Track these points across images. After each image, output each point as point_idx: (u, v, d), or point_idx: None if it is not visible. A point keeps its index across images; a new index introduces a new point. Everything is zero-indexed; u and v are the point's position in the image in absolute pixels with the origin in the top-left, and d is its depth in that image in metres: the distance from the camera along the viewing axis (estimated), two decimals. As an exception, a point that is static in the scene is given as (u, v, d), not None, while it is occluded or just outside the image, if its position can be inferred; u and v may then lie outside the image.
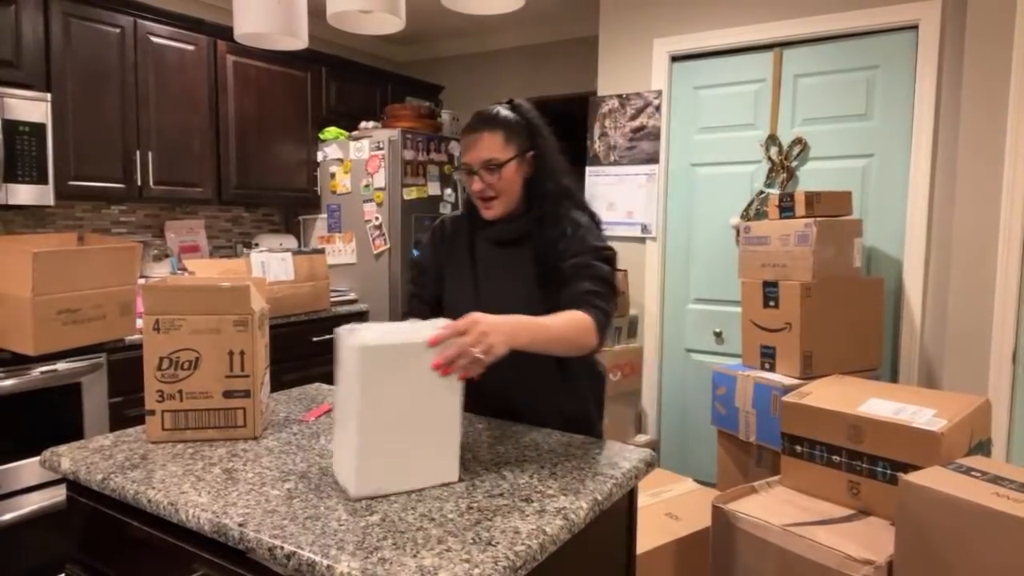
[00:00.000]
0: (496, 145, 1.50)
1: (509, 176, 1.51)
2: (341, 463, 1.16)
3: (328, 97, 3.95)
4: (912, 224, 2.82)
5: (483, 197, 1.53)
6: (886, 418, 1.76)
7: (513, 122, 1.53)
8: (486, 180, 1.51)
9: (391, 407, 1.11)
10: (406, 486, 1.14)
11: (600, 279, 1.45)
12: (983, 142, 2.51)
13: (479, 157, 1.50)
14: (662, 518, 2.12)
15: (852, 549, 1.60)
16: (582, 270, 1.45)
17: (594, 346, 1.38)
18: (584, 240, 1.49)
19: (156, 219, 3.54)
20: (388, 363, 1.11)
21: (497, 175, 1.50)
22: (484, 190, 1.52)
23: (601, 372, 1.71)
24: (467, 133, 1.54)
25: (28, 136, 2.61)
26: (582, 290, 1.42)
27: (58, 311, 2.30)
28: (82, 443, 1.37)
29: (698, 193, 3.32)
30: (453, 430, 1.18)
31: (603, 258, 1.48)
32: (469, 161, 1.52)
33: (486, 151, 1.50)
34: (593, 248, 1.48)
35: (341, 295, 3.75)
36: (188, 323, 1.36)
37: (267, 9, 1.71)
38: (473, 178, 1.52)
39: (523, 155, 1.53)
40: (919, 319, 2.83)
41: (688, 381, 3.41)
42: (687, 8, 3.27)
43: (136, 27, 3.03)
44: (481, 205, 1.55)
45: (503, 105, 1.57)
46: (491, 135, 1.50)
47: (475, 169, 1.51)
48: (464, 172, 1.55)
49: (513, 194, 1.54)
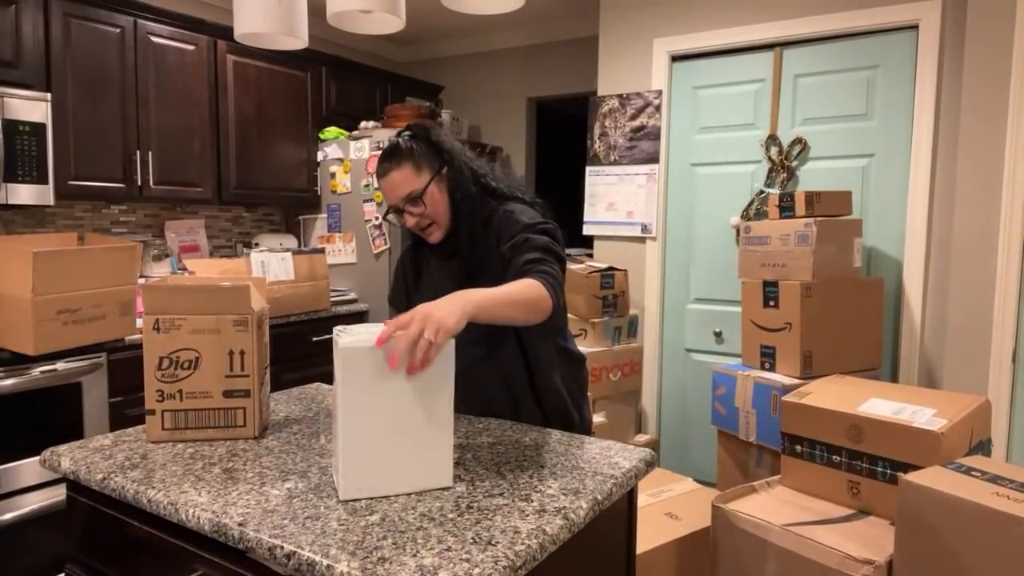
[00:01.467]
0: (408, 177, 1.52)
1: (434, 199, 1.53)
2: (335, 465, 1.16)
3: (328, 97, 3.95)
4: (912, 224, 2.82)
5: (420, 228, 1.56)
6: (886, 418, 1.76)
7: (415, 149, 1.54)
8: (415, 213, 1.53)
9: (376, 409, 1.10)
10: (396, 489, 1.13)
11: (539, 248, 1.44)
12: (983, 142, 2.51)
13: (398, 195, 1.53)
14: (662, 518, 2.12)
15: (852, 549, 1.60)
16: (520, 247, 1.45)
17: (549, 306, 1.35)
18: (515, 222, 1.50)
19: (156, 219, 3.54)
20: (370, 365, 1.09)
21: (422, 205, 1.53)
22: (418, 222, 1.55)
23: (577, 356, 1.71)
24: (379, 178, 1.55)
25: (28, 136, 2.61)
26: (523, 261, 1.42)
27: (58, 311, 2.30)
28: (82, 443, 1.37)
29: (698, 193, 3.32)
30: (445, 432, 1.15)
31: (540, 231, 1.48)
32: (392, 202, 1.55)
33: (403, 187, 1.52)
34: (526, 225, 1.49)
35: (341, 295, 3.75)
36: (188, 323, 1.36)
37: (267, 9, 1.71)
38: (403, 216, 1.55)
39: (439, 173, 1.55)
40: (919, 319, 2.83)
41: (688, 381, 3.41)
42: (687, 8, 3.27)
43: (136, 27, 3.04)
44: (423, 235, 1.59)
45: (401, 136, 1.57)
46: (400, 170, 1.52)
47: (401, 207, 1.54)
48: (394, 213, 1.58)
49: (445, 215, 1.56)
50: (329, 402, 1.70)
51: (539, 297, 1.33)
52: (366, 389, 1.09)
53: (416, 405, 1.13)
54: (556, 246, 1.47)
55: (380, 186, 1.57)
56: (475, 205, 1.57)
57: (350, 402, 1.09)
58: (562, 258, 1.48)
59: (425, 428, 1.14)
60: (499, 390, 1.61)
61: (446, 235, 1.59)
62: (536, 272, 1.38)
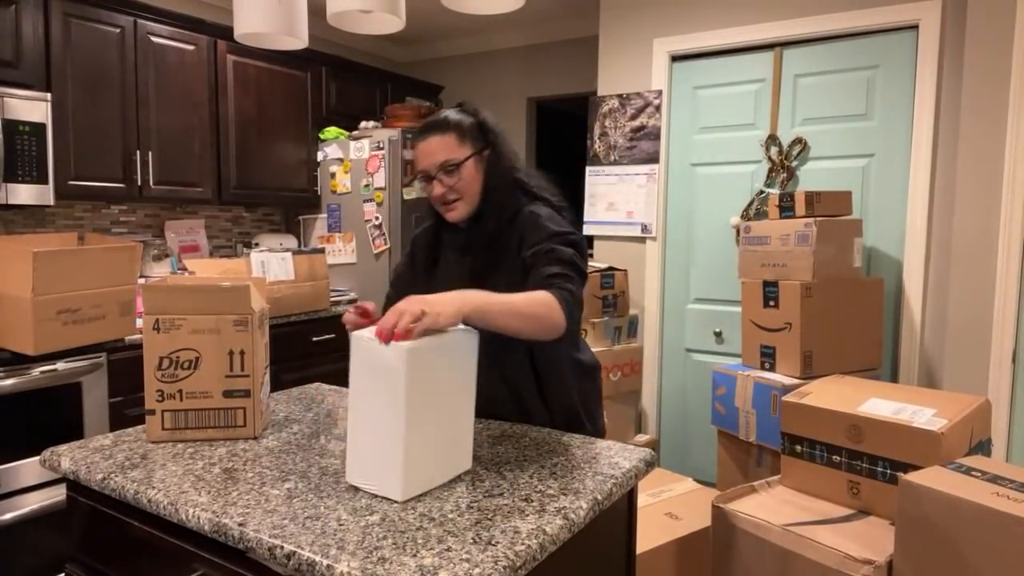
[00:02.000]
0: (450, 146, 1.48)
1: (469, 175, 1.49)
2: (369, 467, 1.12)
3: (328, 97, 3.96)
4: (912, 224, 2.82)
5: (445, 201, 1.51)
6: (886, 418, 1.76)
7: (465, 123, 1.51)
8: (446, 183, 1.49)
9: (427, 406, 1.12)
10: (436, 481, 1.15)
11: (564, 262, 1.39)
12: (983, 142, 2.51)
13: (434, 161, 1.48)
14: (662, 518, 2.12)
15: (852, 549, 1.60)
16: (543, 256, 1.40)
17: (560, 325, 1.30)
18: (542, 228, 1.45)
19: (156, 219, 3.54)
20: (428, 363, 1.10)
21: (456, 176, 1.48)
22: (445, 194, 1.50)
23: (590, 367, 1.65)
24: (418, 140, 1.51)
25: (28, 136, 2.61)
26: (545, 274, 1.36)
27: (58, 311, 2.30)
28: (82, 443, 1.37)
29: (698, 193, 3.32)
30: (469, 418, 1.22)
31: (566, 242, 1.43)
32: (425, 167, 1.50)
33: (441, 154, 1.47)
34: (553, 233, 1.43)
35: (341, 295, 3.75)
36: (188, 323, 1.36)
37: (267, 9, 1.71)
38: (432, 183, 1.50)
39: (480, 153, 1.51)
40: (919, 319, 2.83)
41: (688, 381, 3.41)
42: (687, 8, 3.27)
43: (136, 27, 3.03)
44: (443, 210, 1.53)
45: (452, 109, 1.55)
46: (443, 137, 1.48)
47: (433, 174, 1.49)
48: (422, 179, 1.52)
49: (474, 194, 1.51)
50: (331, 403, 1.70)
51: (549, 314, 1.28)
52: (423, 388, 1.10)
53: (451, 396, 1.16)
54: (580, 261, 1.42)
55: (415, 150, 1.51)
56: (506, 196, 1.52)
57: (414, 402, 1.08)
58: (585, 275, 1.44)
59: (457, 416, 1.19)
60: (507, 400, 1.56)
61: (468, 220, 1.54)
62: (556, 288, 1.33)
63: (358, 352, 1.11)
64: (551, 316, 1.28)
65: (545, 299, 1.29)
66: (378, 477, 1.11)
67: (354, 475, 1.15)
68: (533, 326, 1.26)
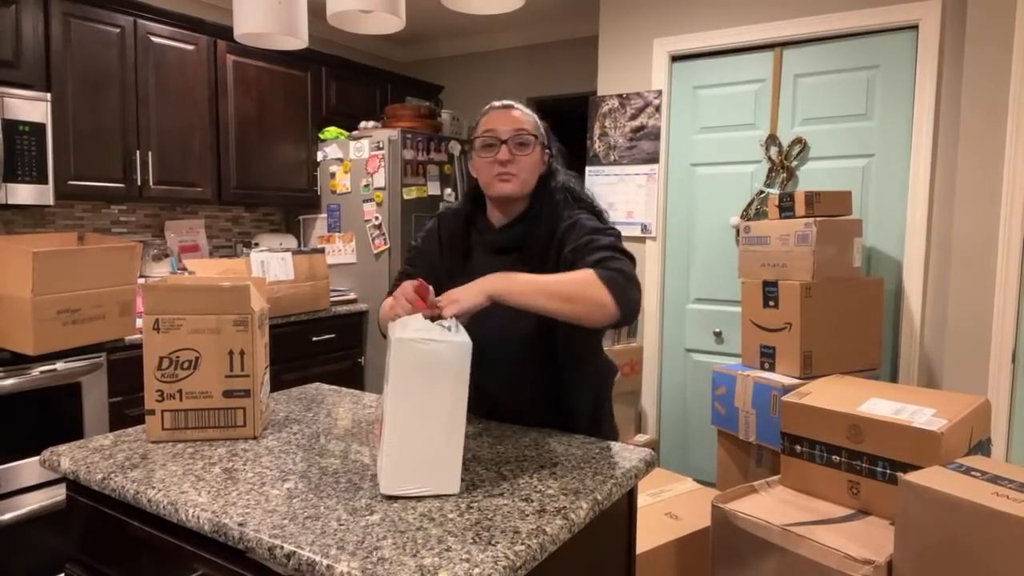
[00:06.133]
0: (530, 122, 1.48)
1: (534, 159, 1.47)
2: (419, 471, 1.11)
3: (328, 97, 3.95)
4: (912, 224, 2.82)
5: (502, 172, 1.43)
6: (886, 418, 1.76)
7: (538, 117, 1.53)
8: (514, 152, 1.44)
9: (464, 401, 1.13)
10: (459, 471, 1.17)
11: (607, 247, 1.32)
12: (983, 142, 2.51)
13: (511, 127, 1.44)
14: (662, 518, 2.12)
15: (852, 549, 1.60)
16: (582, 249, 1.35)
17: (608, 304, 1.20)
18: (583, 227, 1.42)
19: (156, 219, 3.54)
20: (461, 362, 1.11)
21: (526, 151, 1.44)
22: (508, 162, 1.42)
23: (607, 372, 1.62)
24: (496, 108, 1.48)
25: (28, 136, 2.61)
26: (591, 261, 1.29)
27: (58, 311, 2.30)
28: (82, 443, 1.37)
29: (698, 193, 3.32)
30: None
31: (607, 235, 1.39)
32: (497, 128, 1.44)
33: (521, 123, 1.45)
34: (593, 229, 1.40)
35: (341, 295, 3.75)
36: (188, 323, 1.36)
37: (267, 9, 1.71)
38: (499, 149, 1.43)
39: (545, 147, 1.51)
40: (919, 319, 2.83)
41: (688, 381, 3.41)
42: (687, 8, 3.27)
43: (136, 27, 3.03)
44: (498, 178, 1.44)
45: None
46: (524, 114, 1.48)
47: (504, 138, 1.43)
48: (485, 142, 1.45)
49: (530, 181, 1.47)
50: (331, 403, 1.70)
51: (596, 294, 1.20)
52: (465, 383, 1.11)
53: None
54: (622, 246, 1.36)
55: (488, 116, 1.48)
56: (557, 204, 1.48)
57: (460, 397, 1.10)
58: (632, 257, 1.35)
59: None
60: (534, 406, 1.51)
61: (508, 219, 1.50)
62: (600, 267, 1.26)
63: (403, 355, 1.08)
64: (596, 295, 1.20)
65: (585, 276, 1.22)
66: (431, 477, 1.10)
67: (399, 483, 1.10)
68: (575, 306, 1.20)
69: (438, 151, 3.92)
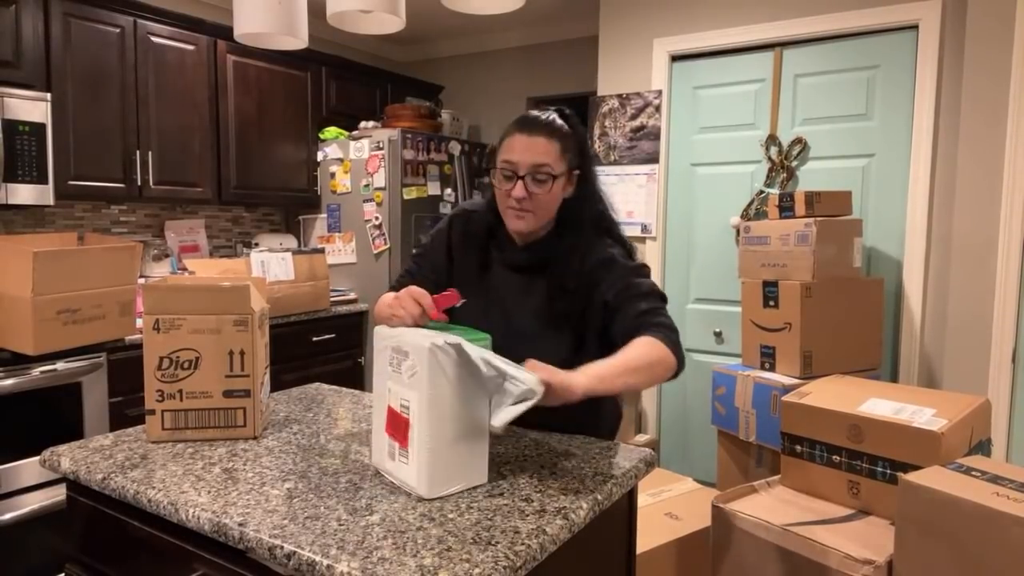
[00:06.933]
0: (553, 153, 1.36)
1: (554, 192, 1.38)
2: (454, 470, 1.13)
3: (328, 97, 3.95)
4: (912, 224, 2.82)
5: (518, 206, 1.37)
6: (886, 418, 1.76)
7: (568, 134, 1.40)
8: (530, 189, 1.36)
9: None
10: None
11: (648, 295, 1.34)
12: (983, 142, 2.51)
13: (531, 161, 1.35)
14: (662, 518, 2.12)
15: (852, 549, 1.60)
16: (624, 293, 1.34)
17: (673, 365, 1.26)
18: (615, 265, 1.38)
19: (156, 219, 3.54)
20: None
21: (546, 187, 1.36)
22: (522, 201, 1.36)
23: None
24: (521, 131, 1.37)
25: (28, 136, 2.61)
26: (636, 312, 1.31)
27: (58, 311, 2.30)
28: (82, 443, 1.37)
29: (698, 193, 3.32)
30: None
31: (641, 274, 1.39)
32: (516, 162, 1.36)
33: (542, 155, 1.35)
34: (627, 269, 1.38)
35: (341, 295, 3.75)
36: (188, 323, 1.36)
37: (267, 9, 1.71)
38: (516, 183, 1.36)
39: (571, 173, 1.41)
40: (919, 319, 2.83)
41: (688, 381, 3.41)
42: (687, 8, 3.27)
43: (136, 27, 3.03)
44: (512, 214, 1.40)
45: (555, 112, 1.42)
46: (549, 142, 1.36)
47: (522, 173, 1.35)
48: (503, 174, 1.38)
49: (550, 213, 1.41)
50: (331, 403, 1.70)
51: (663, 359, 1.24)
52: None
53: None
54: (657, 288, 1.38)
55: (511, 140, 1.38)
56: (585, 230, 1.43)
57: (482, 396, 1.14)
58: (666, 298, 1.39)
59: None
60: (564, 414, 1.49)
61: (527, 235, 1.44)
62: (654, 327, 1.28)
63: (437, 360, 1.08)
64: (665, 360, 1.25)
65: (654, 347, 1.25)
66: (466, 473, 1.15)
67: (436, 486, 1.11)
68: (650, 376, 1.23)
69: (438, 151, 3.92)
